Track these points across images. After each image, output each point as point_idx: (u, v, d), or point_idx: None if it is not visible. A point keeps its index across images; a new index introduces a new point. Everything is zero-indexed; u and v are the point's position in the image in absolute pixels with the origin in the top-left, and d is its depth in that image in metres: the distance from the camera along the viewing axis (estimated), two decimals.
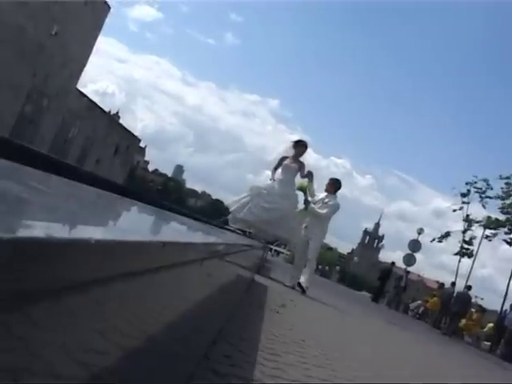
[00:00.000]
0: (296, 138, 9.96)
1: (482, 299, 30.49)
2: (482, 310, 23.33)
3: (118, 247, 0.60)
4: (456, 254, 28.18)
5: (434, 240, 29.91)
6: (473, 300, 23.60)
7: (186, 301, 1.29)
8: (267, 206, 8.83)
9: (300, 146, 9.45)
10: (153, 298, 0.90)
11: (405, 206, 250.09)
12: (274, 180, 9.17)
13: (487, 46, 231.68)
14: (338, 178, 9.95)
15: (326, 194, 9.55)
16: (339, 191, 9.84)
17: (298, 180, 9.45)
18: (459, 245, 27.86)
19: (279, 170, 9.33)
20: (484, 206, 28.09)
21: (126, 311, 0.76)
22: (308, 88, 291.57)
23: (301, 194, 9.39)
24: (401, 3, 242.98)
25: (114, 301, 0.68)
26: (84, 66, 31.56)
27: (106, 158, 39.69)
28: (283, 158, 9.37)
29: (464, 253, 27.62)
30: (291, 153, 9.38)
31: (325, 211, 9.39)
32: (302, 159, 9.41)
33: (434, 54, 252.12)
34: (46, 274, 0.47)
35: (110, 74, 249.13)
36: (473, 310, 22.57)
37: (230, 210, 9.27)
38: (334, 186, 9.74)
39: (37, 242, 0.45)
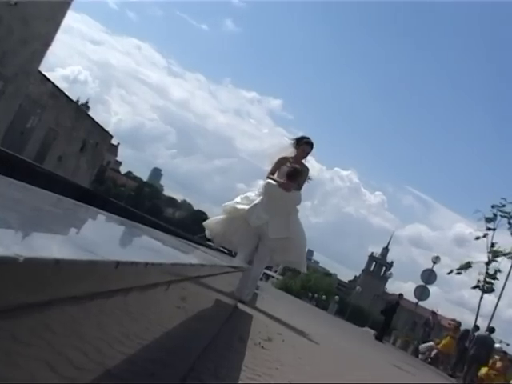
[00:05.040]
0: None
1: (507, 345, 30.20)
2: (507, 357, 23.06)
3: (58, 266, 0.58)
4: (474, 287, 28.13)
5: (451, 272, 29.83)
6: (497, 345, 23.27)
7: (147, 332, 1.27)
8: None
9: (304, 145, 8.45)
10: (104, 329, 0.88)
11: (420, 230, 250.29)
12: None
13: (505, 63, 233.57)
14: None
15: None
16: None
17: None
18: (481, 278, 27.71)
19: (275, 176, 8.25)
20: None
21: (67, 341, 0.74)
22: (314, 90, 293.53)
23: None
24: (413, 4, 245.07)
25: (51, 329, 0.66)
26: (49, 44, 31.44)
27: (71, 156, 39.52)
28: (282, 160, 8.34)
29: (483, 287, 27.49)
30: (292, 153, 8.41)
31: None
32: (305, 161, 8.51)
33: (451, 66, 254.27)
34: None
35: (83, 57, 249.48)
36: (496, 356, 22.33)
37: (212, 237, 8.67)
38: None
39: None
